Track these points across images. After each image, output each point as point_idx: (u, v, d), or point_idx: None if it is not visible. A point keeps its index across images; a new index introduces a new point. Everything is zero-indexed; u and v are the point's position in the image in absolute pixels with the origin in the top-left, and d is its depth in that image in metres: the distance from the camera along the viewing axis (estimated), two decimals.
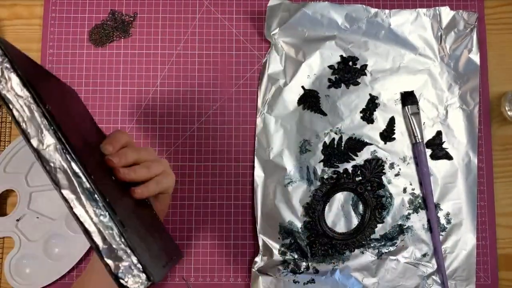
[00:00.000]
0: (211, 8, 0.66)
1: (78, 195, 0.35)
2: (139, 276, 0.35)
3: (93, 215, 0.35)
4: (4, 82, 0.34)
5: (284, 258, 0.60)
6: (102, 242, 0.35)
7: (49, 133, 0.35)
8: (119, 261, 0.35)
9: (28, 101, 0.34)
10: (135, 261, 0.35)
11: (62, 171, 0.35)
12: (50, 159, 0.35)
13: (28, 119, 0.35)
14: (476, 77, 0.63)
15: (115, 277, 0.35)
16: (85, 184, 0.35)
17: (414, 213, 0.61)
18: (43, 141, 0.35)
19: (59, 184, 0.35)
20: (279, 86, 0.63)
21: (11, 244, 0.60)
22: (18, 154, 0.61)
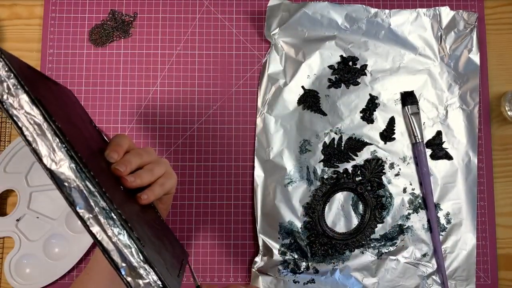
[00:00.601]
0: (211, 8, 0.66)
1: (95, 213, 0.34)
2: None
3: (111, 234, 0.34)
4: (12, 99, 0.33)
5: (284, 258, 0.60)
6: (122, 261, 0.34)
7: (61, 152, 0.34)
8: (140, 278, 0.35)
9: (39, 120, 0.33)
10: (155, 278, 0.35)
11: (77, 191, 0.34)
12: (64, 178, 0.34)
13: (39, 138, 0.33)
14: (476, 77, 0.63)
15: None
16: (101, 203, 0.34)
17: (414, 213, 0.61)
18: (55, 160, 0.34)
19: (75, 203, 0.34)
20: (279, 86, 0.63)
21: (11, 244, 0.60)
22: (18, 154, 0.61)
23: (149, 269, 0.35)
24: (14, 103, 0.33)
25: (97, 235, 0.34)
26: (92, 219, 0.34)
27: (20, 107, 0.33)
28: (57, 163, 0.34)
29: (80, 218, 0.34)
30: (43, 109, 0.33)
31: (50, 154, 0.34)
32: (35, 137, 0.33)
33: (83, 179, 0.34)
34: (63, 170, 0.34)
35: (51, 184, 0.60)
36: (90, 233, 0.34)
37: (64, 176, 0.34)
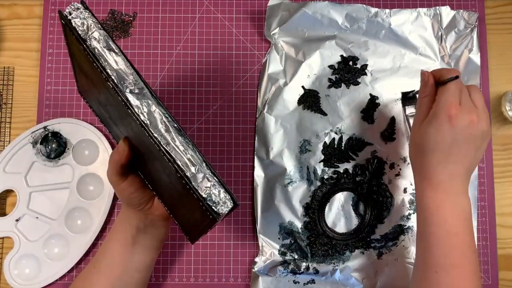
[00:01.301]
0: (211, 8, 0.66)
1: (169, 130, 0.38)
2: (226, 198, 0.37)
3: (181, 147, 0.38)
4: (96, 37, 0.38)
5: (284, 258, 0.60)
6: (193, 168, 0.37)
7: (137, 80, 0.38)
8: (206, 184, 0.37)
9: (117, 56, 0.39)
10: (220, 185, 0.37)
11: (153, 112, 0.38)
12: (139, 103, 0.38)
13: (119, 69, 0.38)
14: (477, 77, 0.63)
15: (204, 200, 0.36)
16: (174, 124, 0.38)
17: (414, 213, 0.61)
18: (133, 87, 0.38)
19: (149, 122, 0.38)
20: (279, 86, 0.63)
21: (11, 244, 0.60)
22: (18, 154, 0.61)
23: (216, 179, 0.37)
24: (97, 40, 0.38)
25: (174, 147, 0.37)
26: (166, 134, 0.38)
27: (105, 43, 0.38)
28: (134, 89, 0.38)
29: (152, 134, 0.37)
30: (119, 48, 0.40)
31: (129, 82, 0.38)
32: (115, 69, 0.38)
33: (157, 103, 0.38)
34: (138, 95, 0.38)
35: (50, 184, 0.60)
36: (164, 150, 0.37)
37: (139, 101, 0.38)
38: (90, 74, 0.42)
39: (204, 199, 0.37)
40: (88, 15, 0.39)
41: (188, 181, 0.37)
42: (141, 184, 0.47)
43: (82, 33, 0.38)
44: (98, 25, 0.39)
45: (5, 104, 0.64)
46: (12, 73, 0.64)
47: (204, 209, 0.37)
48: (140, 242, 0.49)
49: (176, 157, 0.37)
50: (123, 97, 0.37)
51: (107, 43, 0.38)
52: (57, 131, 0.61)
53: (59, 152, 0.61)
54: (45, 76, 0.63)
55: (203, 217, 0.38)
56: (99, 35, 0.38)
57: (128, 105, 0.37)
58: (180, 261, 0.61)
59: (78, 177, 0.61)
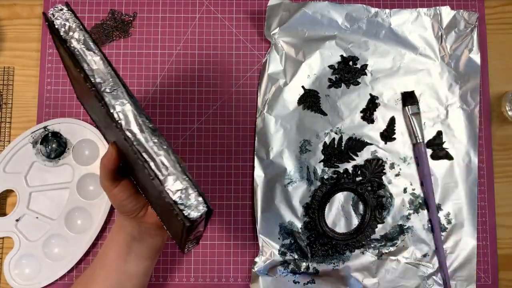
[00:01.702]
0: (211, 8, 0.66)
1: (143, 130, 0.38)
2: (198, 201, 0.36)
3: (154, 147, 0.37)
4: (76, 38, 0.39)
5: (284, 258, 0.60)
6: (164, 170, 0.37)
7: (113, 79, 0.39)
8: (178, 187, 0.36)
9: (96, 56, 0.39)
10: (193, 188, 0.36)
11: (128, 111, 0.38)
12: (116, 102, 0.38)
13: (96, 68, 0.39)
14: (477, 77, 0.63)
15: (174, 204, 0.36)
16: (149, 124, 0.38)
17: (414, 213, 0.61)
18: (109, 87, 0.38)
19: (124, 122, 0.38)
20: (279, 86, 0.63)
21: (11, 244, 0.60)
22: (18, 154, 0.61)
23: (188, 180, 0.37)
24: (77, 41, 0.39)
25: (145, 147, 0.37)
26: (139, 135, 0.38)
27: (84, 44, 0.39)
28: (110, 89, 0.38)
29: (126, 136, 0.37)
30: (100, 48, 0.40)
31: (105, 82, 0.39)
32: (93, 68, 0.39)
33: (132, 103, 0.39)
34: (115, 95, 0.38)
35: (50, 184, 0.60)
36: (135, 151, 0.37)
37: (115, 100, 0.38)
38: (76, 77, 0.42)
39: (175, 203, 0.36)
40: (70, 16, 0.39)
41: (159, 183, 0.36)
42: (133, 191, 0.46)
43: (63, 34, 0.39)
44: (80, 26, 0.39)
45: (5, 104, 0.64)
46: (12, 73, 0.64)
47: (175, 214, 0.36)
48: (135, 251, 0.49)
49: (147, 159, 0.37)
50: (99, 97, 0.38)
51: (86, 43, 0.39)
52: (57, 131, 0.61)
53: (59, 152, 0.61)
54: (45, 76, 0.63)
55: (178, 222, 0.37)
56: (79, 36, 0.39)
57: (104, 104, 0.38)
58: (180, 261, 0.61)
59: (78, 177, 0.61)
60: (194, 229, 0.37)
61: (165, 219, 0.44)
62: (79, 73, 0.38)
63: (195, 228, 0.37)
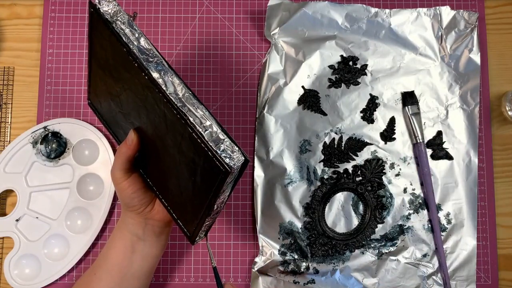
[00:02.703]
0: (211, 8, 0.66)
1: (182, 86, 0.40)
2: (238, 154, 0.37)
3: (195, 107, 0.40)
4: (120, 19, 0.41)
5: (284, 258, 0.60)
6: (207, 123, 0.39)
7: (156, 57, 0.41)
8: (219, 142, 0.37)
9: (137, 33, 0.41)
10: (231, 143, 0.38)
11: (168, 69, 0.41)
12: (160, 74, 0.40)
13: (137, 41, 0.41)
14: (477, 77, 0.63)
15: (217, 155, 0.37)
16: (190, 91, 0.41)
17: (414, 213, 0.61)
18: (154, 61, 0.40)
19: (163, 73, 0.40)
20: (279, 86, 0.63)
21: (11, 244, 0.60)
22: (18, 154, 0.61)
23: (227, 137, 0.38)
24: (121, 22, 0.41)
25: (178, 104, 0.39)
26: (179, 89, 0.40)
27: (127, 23, 0.41)
28: (156, 65, 0.40)
29: (161, 87, 0.39)
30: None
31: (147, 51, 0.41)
32: (134, 41, 0.41)
33: (176, 75, 0.41)
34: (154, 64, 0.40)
35: (50, 184, 0.60)
36: (182, 113, 0.38)
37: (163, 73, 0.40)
38: (110, 62, 0.44)
39: (218, 152, 0.37)
40: (114, 2, 0.42)
41: (203, 139, 0.38)
42: (143, 185, 0.47)
43: (109, 17, 0.42)
44: (122, 10, 0.42)
45: (5, 104, 0.64)
46: (12, 73, 0.64)
47: (218, 163, 0.37)
48: (139, 251, 0.49)
49: (189, 116, 0.39)
50: (144, 69, 0.40)
51: (130, 25, 0.41)
52: (57, 131, 0.61)
53: (59, 152, 0.61)
54: (45, 76, 0.63)
55: (214, 173, 0.38)
56: (123, 19, 0.42)
57: (149, 75, 0.39)
58: (180, 261, 0.61)
59: (78, 177, 0.61)
60: (227, 183, 0.39)
61: (181, 202, 0.45)
62: (124, 52, 0.40)
63: (230, 182, 0.39)
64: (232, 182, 0.40)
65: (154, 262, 0.51)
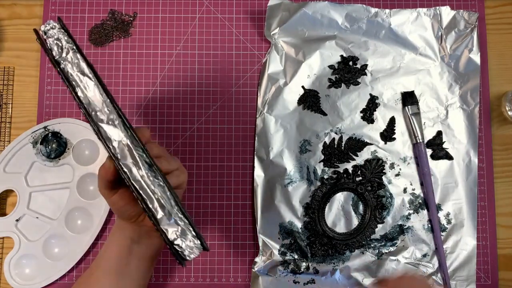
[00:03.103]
0: (211, 8, 0.66)
1: (139, 166, 0.37)
2: (194, 243, 0.36)
3: (151, 186, 0.37)
4: (70, 61, 0.37)
5: (284, 258, 0.60)
6: (161, 210, 0.36)
7: (109, 109, 0.37)
8: (175, 228, 0.36)
9: (91, 81, 0.37)
10: (190, 228, 0.36)
11: (124, 145, 0.37)
12: (112, 133, 0.37)
13: (91, 95, 0.37)
14: (477, 77, 0.63)
15: (170, 244, 0.36)
16: (145, 158, 0.37)
17: (414, 213, 0.61)
18: (104, 117, 0.37)
19: (119, 156, 0.37)
20: (279, 86, 0.63)
21: (11, 244, 0.60)
22: (18, 154, 0.61)
23: (186, 220, 0.36)
24: (71, 64, 0.37)
25: (137, 186, 0.36)
26: (135, 171, 0.37)
27: (77, 68, 0.37)
28: (106, 120, 0.36)
29: (123, 170, 0.36)
30: (95, 72, 0.38)
31: (100, 111, 0.37)
32: (88, 95, 0.37)
33: (129, 135, 0.37)
34: (111, 126, 0.37)
35: (50, 184, 0.60)
36: (130, 185, 0.36)
37: (111, 131, 0.37)
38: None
39: (171, 243, 0.36)
40: (63, 35, 0.38)
41: (155, 223, 0.36)
42: (132, 198, 0.46)
43: (56, 55, 0.37)
44: (73, 46, 0.38)
45: (5, 104, 0.64)
46: (12, 73, 0.64)
47: (172, 252, 0.36)
48: (135, 253, 0.49)
49: (145, 196, 0.36)
50: (94, 127, 0.37)
51: (80, 68, 0.37)
52: (57, 131, 0.61)
53: (59, 152, 0.61)
54: (45, 76, 0.63)
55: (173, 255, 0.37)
56: (73, 58, 0.37)
57: (99, 136, 0.37)
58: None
59: (78, 177, 0.61)
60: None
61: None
62: (73, 99, 0.37)
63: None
64: None
65: (151, 263, 0.51)
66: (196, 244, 0.36)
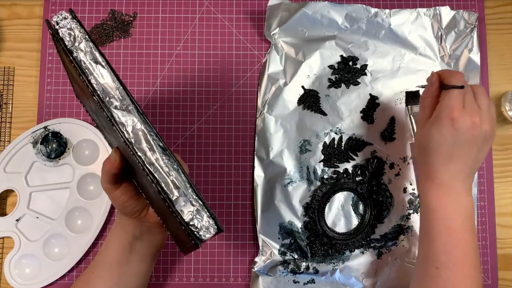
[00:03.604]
0: (211, 8, 0.66)
1: (153, 150, 0.37)
2: (209, 223, 0.36)
3: (165, 168, 0.37)
4: (83, 49, 0.37)
5: (284, 258, 0.60)
6: (176, 191, 0.36)
7: (122, 95, 0.37)
8: (190, 208, 0.36)
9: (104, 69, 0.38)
10: (205, 209, 0.36)
11: (138, 130, 0.37)
12: (125, 120, 0.37)
13: (104, 82, 0.37)
14: (477, 77, 0.63)
15: (186, 224, 0.36)
16: (159, 142, 0.37)
17: (414, 213, 0.61)
18: (118, 103, 0.37)
19: (133, 141, 0.37)
20: (279, 86, 0.63)
21: (11, 244, 0.60)
22: (18, 154, 0.61)
23: (200, 201, 0.36)
24: (84, 52, 0.37)
25: (151, 169, 0.36)
26: (149, 154, 0.37)
27: (91, 55, 0.37)
28: (119, 106, 0.37)
29: (137, 155, 0.36)
30: (107, 60, 0.38)
31: (114, 98, 0.37)
32: (101, 82, 0.37)
33: (142, 121, 0.37)
34: (125, 112, 0.37)
35: (51, 184, 0.60)
36: (145, 168, 0.36)
37: (125, 118, 0.37)
38: (79, 83, 0.42)
39: (187, 224, 0.36)
40: (76, 25, 0.38)
41: (171, 204, 0.36)
42: (135, 192, 0.46)
43: (69, 44, 0.37)
44: (86, 36, 0.38)
45: (5, 104, 0.64)
46: (12, 73, 0.64)
47: (187, 233, 0.36)
48: (137, 250, 0.49)
49: (159, 178, 0.36)
50: (107, 113, 0.37)
51: (93, 56, 0.38)
52: (57, 131, 0.61)
53: (59, 152, 0.61)
54: (45, 76, 0.64)
55: (187, 239, 0.37)
56: (86, 47, 0.38)
57: (113, 121, 0.37)
58: (180, 261, 0.61)
59: (78, 177, 0.61)
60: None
61: (166, 221, 0.44)
62: (86, 86, 0.37)
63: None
64: None
65: (152, 260, 0.51)
66: (211, 223, 0.36)
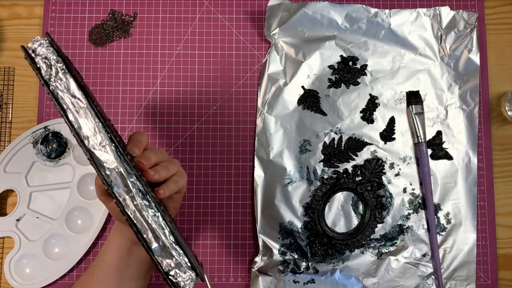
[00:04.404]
0: (211, 8, 0.66)
1: (132, 194, 0.36)
2: (189, 274, 0.36)
3: (145, 214, 0.36)
4: (59, 82, 0.35)
5: (284, 258, 0.60)
6: (155, 241, 0.35)
7: (102, 134, 0.35)
8: (170, 259, 0.35)
9: (83, 103, 0.35)
10: (185, 259, 0.36)
11: (116, 172, 0.35)
12: (104, 160, 0.35)
13: (82, 121, 0.35)
14: (476, 77, 0.63)
15: (165, 275, 0.35)
16: (138, 185, 0.36)
17: (414, 213, 0.61)
18: (96, 143, 0.35)
19: (112, 184, 0.35)
20: (279, 86, 0.63)
21: (11, 244, 0.60)
22: (18, 154, 0.61)
23: (180, 250, 0.36)
24: (61, 86, 0.35)
25: (131, 215, 0.35)
26: (128, 200, 0.35)
27: (67, 90, 0.35)
28: (98, 145, 0.35)
29: (117, 199, 0.35)
30: (87, 94, 0.35)
31: (93, 136, 0.35)
32: (78, 119, 0.35)
33: (122, 161, 0.36)
34: (103, 152, 0.35)
35: (51, 184, 0.60)
36: (124, 214, 0.35)
37: (104, 157, 0.35)
38: None
39: (166, 274, 0.35)
40: (52, 54, 0.36)
41: (150, 254, 0.35)
42: None
43: (45, 74, 0.35)
44: (63, 66, 0.35)
45: (5, 104, 0.64)
46: (12, 73, 0.64)
47: (167, 282, 0.36)
48: (135, 254, 0.49)
49: (139, 227, 0.35)
50: (86, 153, 0.36)
51: (69, 90, 0.35)
52: (58, 131, 0.61)
53: (60, 152, 0.61)
54: None
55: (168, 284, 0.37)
56: (63, 79, 0.35)
57: (93, 162, 0.36)
58: None
59: (79, 177, 0.61)
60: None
61: None
62: (66, 122, 0.36)
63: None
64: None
65: (151, 265, 0.51)
66: (191, 276, 0.36)
